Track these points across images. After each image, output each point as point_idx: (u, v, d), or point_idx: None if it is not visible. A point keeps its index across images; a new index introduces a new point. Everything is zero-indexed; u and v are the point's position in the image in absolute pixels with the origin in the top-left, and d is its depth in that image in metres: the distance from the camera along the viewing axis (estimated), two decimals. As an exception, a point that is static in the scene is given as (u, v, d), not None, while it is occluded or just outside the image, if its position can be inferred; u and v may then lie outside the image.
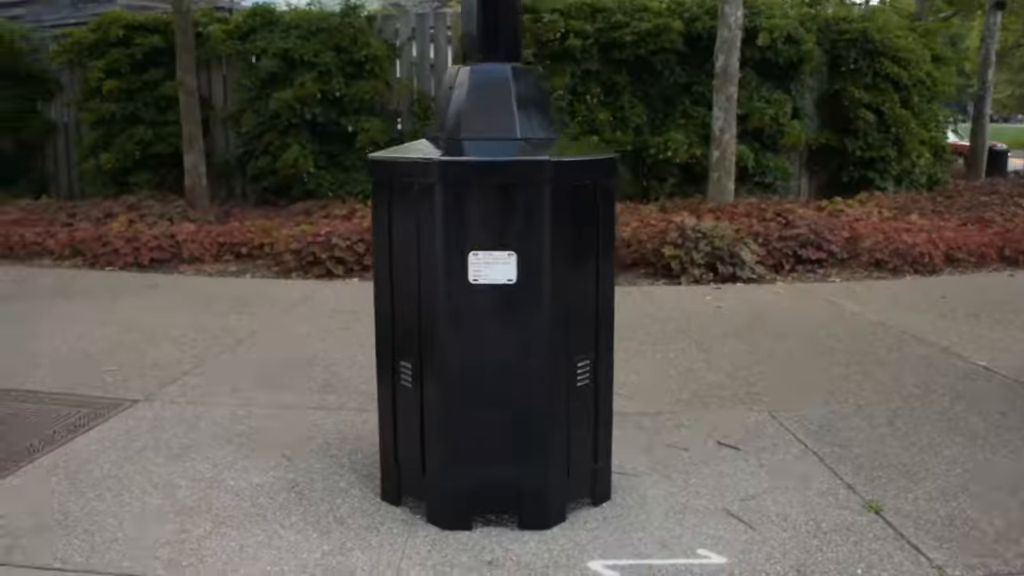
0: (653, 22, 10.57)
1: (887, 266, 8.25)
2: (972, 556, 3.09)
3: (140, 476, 3.65)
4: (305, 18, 10.44)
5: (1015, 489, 3.62)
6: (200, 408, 4.46)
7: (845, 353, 5.58)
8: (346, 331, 5.95)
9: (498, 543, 3.13)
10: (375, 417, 4.29)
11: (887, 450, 4.04)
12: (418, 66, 11.13)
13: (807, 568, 3.01)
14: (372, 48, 10.37)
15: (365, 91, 10.30)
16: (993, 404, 4.65)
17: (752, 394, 4.82)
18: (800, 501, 3.51)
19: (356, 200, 10.17)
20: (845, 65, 11.80)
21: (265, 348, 5.54)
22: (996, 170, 16.87)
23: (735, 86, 9.67)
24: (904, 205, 10.93)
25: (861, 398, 4.75)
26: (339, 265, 7.63)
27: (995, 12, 15.35)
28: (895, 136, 11.98)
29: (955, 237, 8.73)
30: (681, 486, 3.64)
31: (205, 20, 10.76)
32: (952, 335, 6.01)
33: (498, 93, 3.18)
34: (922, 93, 12.45)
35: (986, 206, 11.08)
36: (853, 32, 11.75)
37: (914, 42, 12.33)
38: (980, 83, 15.69)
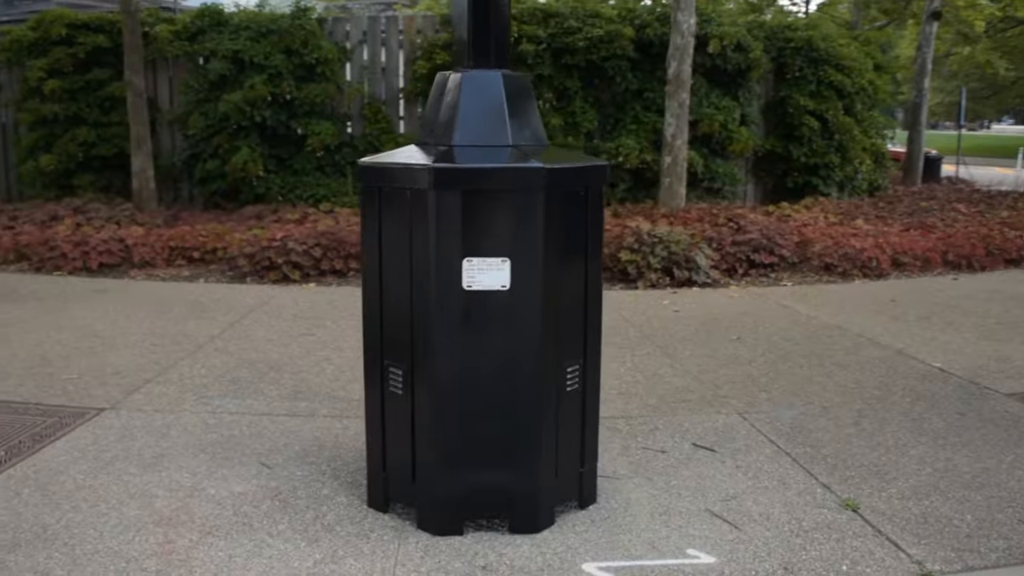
0: (605, 28, 10.67)
1: (836, 270, 8.45)
2: (949, 551, 3.19)
3: (115, 486, 3.57)
4: (255, 19, 10.30)
5: (980, 487, 3.75)
6: (169, 416, 4.38)
7: (805, 356, 5.71)
8: (309, 337, 5.89)
9: (490, 548, 3.13)
10: (352, 423, 4.31)
11: (856, 450, 4.14)
12: (369, 69, 11.05)
13: (794, 566, 3.07)
14: (323, 51, 10.28)
15: (316, 94, 10.20)
16: (951, 405, 4.80)
17: (720, 397, 4.89)
18: (780, 501, 3.58)
19: (307, 204, 10.08)
20: (791, 72, 12.07)
21: (228, 354, 5.46)
22: (931, 176, 17.38)
23: (687, 92, 9.82)
24: (848, 210, 11.22)
25: (826, 399, 4.86)
26: (295, 270, 7.55)
27: (931, 22, 15.83)
28: (839, 143, 12.29)
29: (900, 242, 8.99)
30: (663, 488, 3.69)
31: (151, 20, 10.55)
32: (906, 338, 6.19)
33: (490, 100, 3.19)
34: (864, 101, 12.80)
35: (926, 211, 11.43)
36: (798, 40, 12.03)
37: (856, 51, 12.67)
38: (917, 91, 16.16)
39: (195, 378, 4.98)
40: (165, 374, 5.04)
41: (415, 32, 10.92)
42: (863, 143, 12.85)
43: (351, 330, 6.08)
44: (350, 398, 4.71)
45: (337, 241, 7.77)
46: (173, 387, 4.82)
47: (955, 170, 19.89)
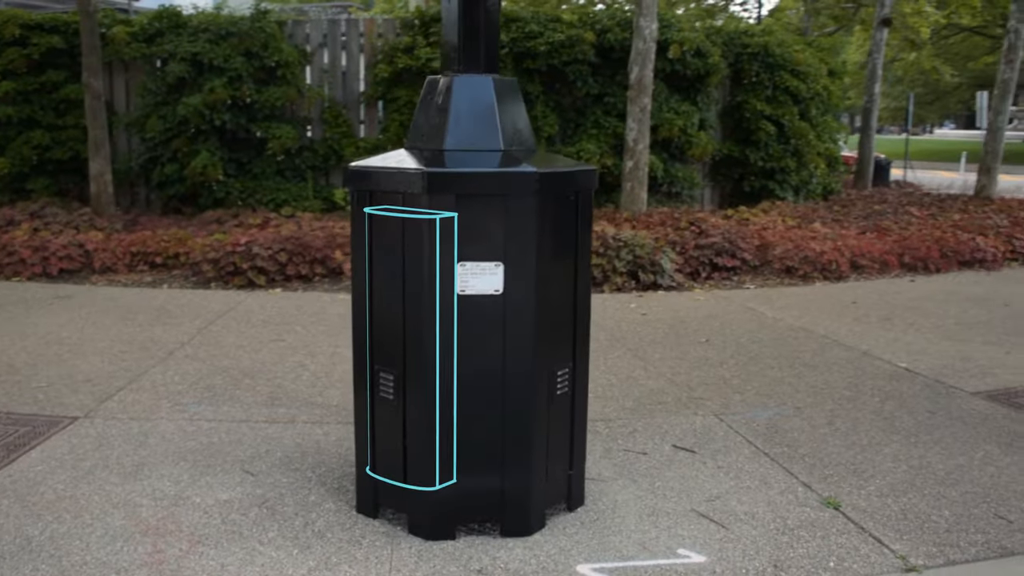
0: (566, 33, 10.73)
1: (797, 273, 8.59)
2: (931, 546, 3.27)
3: (97, 496, 3.51)
4: (214, 22, 10.17)
5: (955, 483, 3.85)
6: (145, 424, 4.31)
7: (774, 358, 5.80)
8: (280, 343, 5.84)
9: (484, 551, 3.14)
10: (332, 429, 4.29)
11: (832, 449, 4.22)
12: (329, 73, 10.99)
13: (783, 563, 3.13)
14: (284, 54, 10.19)
15: (277, 97, 10.10)
16: (920, 404, 4.91)
17: (695, 399, 4.95)
18: (763, 500, 3.64)
19: (267, 209, 9.99)
20: (747, 78, 12.25)
21: (200, 360, 5.39)
22: (880, 180, 17.74)
23: (649, 97, 9.91)
24: (805, 214, 11.41)
25: (798, 400, 4.94)
26: (261, 275, 7.47)
27: (881, 29, 16.18)
28: (794, 147, 12.50)
29: (858, 245, 9.17)
30: (648, 489, 3.72)
31: (107, 21, 10.36)
32: (870, 339, 6.32)
33: (480, 104, 3.20)
34: (818, 106, 13.04)
35: (881, 215, 11.67)
36: (755, 46, 12.22)
37: (811, 56, 12.90)
38: (868, 96, 16.49)
39: (168, 385, 4.91)
40: (137, 381, 4.96)
41: (376, 35, 10.88)
42: (818, 148, 13.09)
43: (322, 336, 6.04)
44: (328, 404, 4.68)
45: (302, 246, 7.72)
46: (147, 394, 4.75)
47: (903, 174, 20.33)
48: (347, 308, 6.72)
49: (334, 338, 5.98)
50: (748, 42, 12.33)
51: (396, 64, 10.35)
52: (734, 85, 12.53)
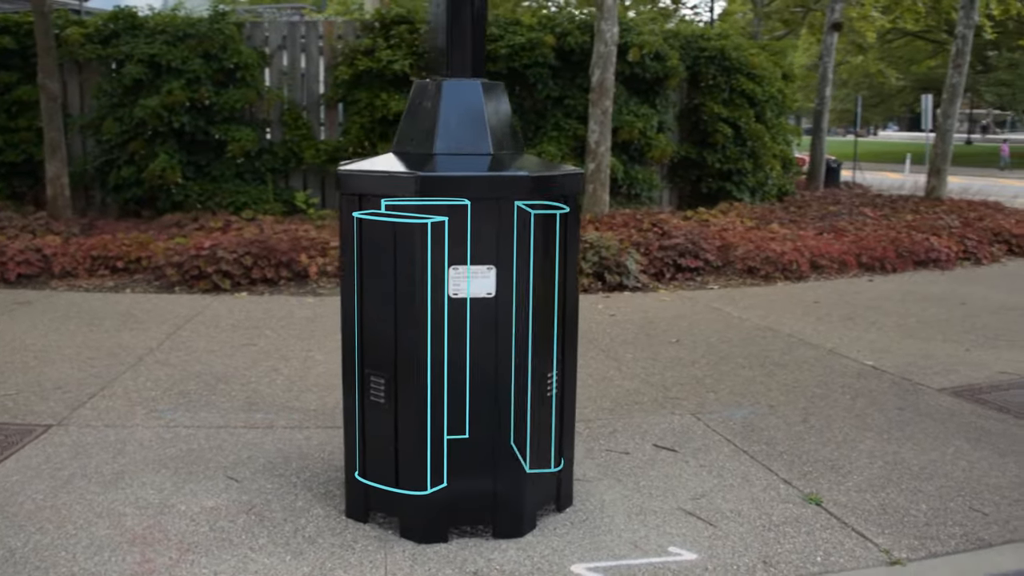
0: (527, 36, 10.77)
1: (759, 273, 8.72)
2: (912, 539, 3.36)
3: (79, 505, 3.45)
4: (171, 23, 10.02)
5: (929, 477, 3.95)
6: (122, 431, 4.24)
7: (744, 357, 5.88)
8: (251, 347, 5.78)
9: (477, 554, 3.15)
10: (313, 434, 4.27)
11: (809, 446, 4.30)
12: (289, 75, 10.89)
13: (772, 559, 3.18)
14: (243, 56, 10.08)
15: (236, 100, 9.99)
16: (889, 400, 5.02)
17: (670, 398, 5.01)
18: (747, 497, 3.70)
19: (227, 212, 9.87)
20: (704, 81, 12.40)
21: (171, 366, 5.31)
22: (831, 181, 18.05)
23: (610, 100, 9.99)
24: (762, 215, 11.58)
25: (772, 399, 5.02)
26: (226, 279, 7.39)
27: (832, 33, 16.47)
28: (751, 149, 12.68)
29: (817, 245, 9.33)
30: (633, 489, 3.76)
31: (61, 22, 10.16)
32: (835, 338, 6.44)
33: (469, 108, 3.21)
34: (773, 108, 13.24)
35: (836, 216, 11.88)
36: (712, 49, 12.37)
37: (766, 60, 13.09)
38: (819, 99, 16.78)
39: (141, 391, 4.83)
40: (109, 388, 4.88)
41: (335, 37, 10.81)
42: (773, 150, 13.29)
43: (293, 340, 5.99)
44: (306, 408, 4.65)
45: (267, 249, 7.64)
46: (120, 401, 4.67)
47: (852, 175, 20.71)
48: (315, 312, 6.73)
49: (305, 342, 5.93)
50: (705, 46, 12.48)
51: (357, 66, 10.29)
52: (691, 88, 12.67)
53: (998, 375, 5.57)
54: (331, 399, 4.80)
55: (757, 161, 12.89)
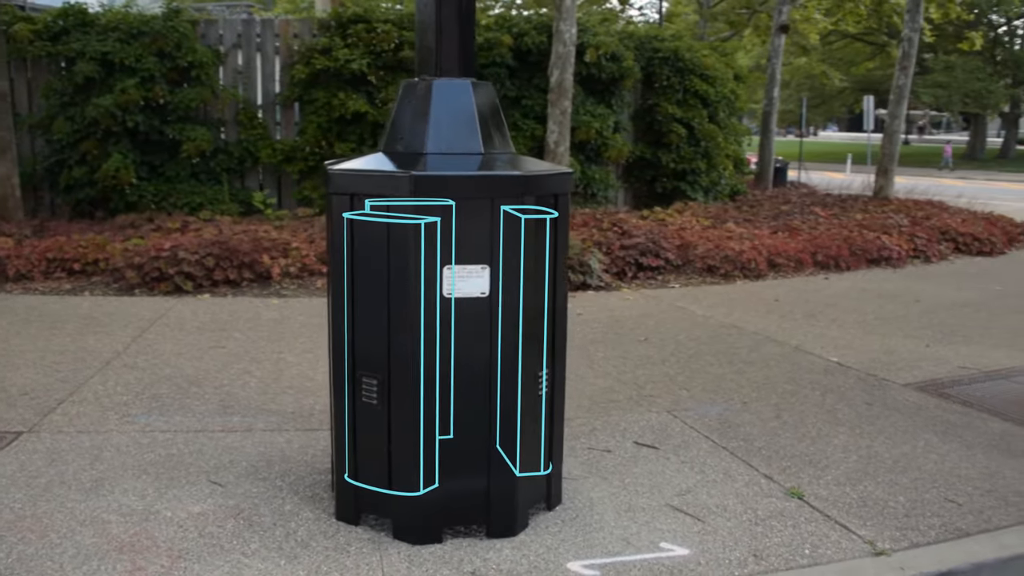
0: (484, 36, 10.78)
1: (719, 272, 8.84)
2: (894, 530, 3.44)
3: (60, 514, 3.37)
4: (124, 20, 9.83)
5: (903, 470, 4.05)
6: (96, 437, 4.16)
7: (713, 355, 5.96)
8: (220, 349, 5.70)
9: (473, 554, 3.15)
10: (294, 437, 4.23)
11: (784, 441, 4.38)
12: (244, 74, 10.75)
13: (762, 552, 3.24)
14: (198, 54, 9.92)
15: (191, 99, 9.83)
16: (857, 396, 5.14)
17: (646, 396, 5.06)
18: (731, 493, 3.75)
19: (182, 213, 9.71)
20: (659, 81, 12.53)
21: (140, 370, 5.22)
22: (779, 181, 18.38)
23: (569, 100, 10.05)
24: (717, 214, 11.73)
25: (744, 395, 5.10)
26: (188, 281, 7.27)
27: (780, 35, 16.75)
28: (704, 149, 12.85)
29: (774, 244, 9.49)
30: (619, 486, 3.79)
31: (8, 19, 9.89)
32: (799, 335, 6.56)
33: (460, 108, 3.21)
34: (726, 109, 13.43)
35: (789, 215, 12.09)
36: (666, 50, 12.50)
37: (718, 61, 13.27)
38: (768, 100, 17.06)
39: (112, 396, 4.74)
40: (78, 393, 4.77)
41: (291, 36, 10.70)
42: (726, 150, 13.49)
43: (262, 342, 5.92)
44: (283, 411, 4.60)
45: (229, 250, 7.54)
46: (91, 406, 4.57)
47: (797, 175, 21.08)
48: (282, 313, 6.67)
49: (275, 344, 5.87)
50: (659, 47, 12.61)
51: (314, 65, 10.20)
52: (646, 89, 12.79)
53: (959, 370, 5.72)
54: (307, 401, 4.76)
55: (711, 161, 13.07)
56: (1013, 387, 5.39)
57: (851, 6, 22.55)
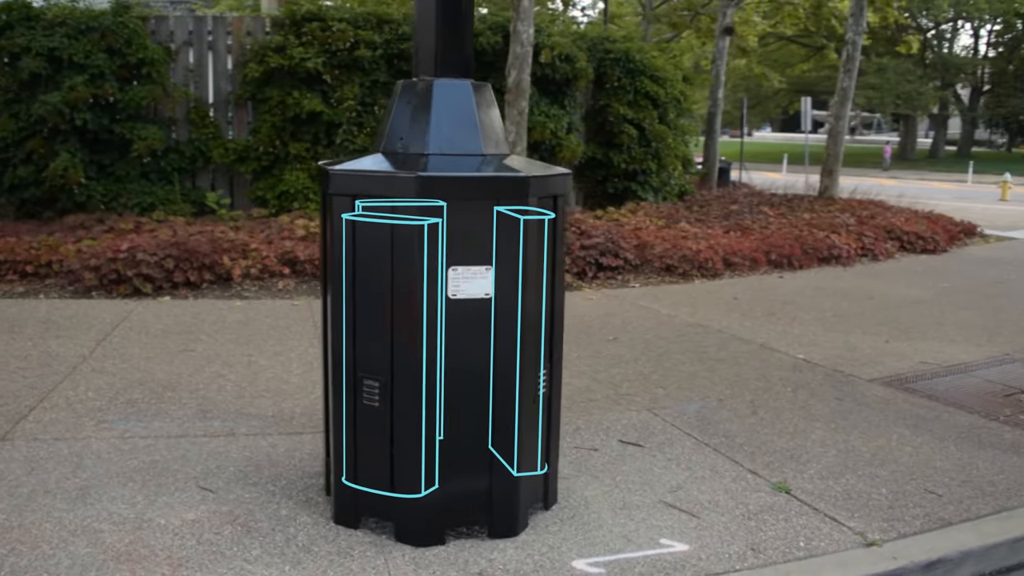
0: (439, 36, 10.72)
1: (677, 271, 8.95)
2: (881, 521, 3.54)
3: (48, 524, 3.29)
4: (71, 15, 9.57)
5: (881, 463, 4.16)
6: (74, 444, 4.06)
7: (682, 353, 6.05)
8: (190, 353, 5.60)
9: (477, 554, 3.15)
10: (279, 441, 4.19)
11: (764, 437, 4.47)
12: (195, 72, 10.56)
13: (759, 546, 3.30)
14: (148, 51, 9.71)
15: (142, 96, 9.61)
16: (827, 391, 5.26)
17: (623, 395, 5.11)
18: (720, 488, 3.82)
19: (133, 213, 9.50)
20: (610, 82, 12.63)
21: (110, 374, 5.10)
22: (723, 181, 18.65)
23: (526, 100, 10.07)
24: (670, 214, 11.88)
25: (718, 392, 5.19)
26: (147, 283, 7.12)
27: (724, 37, 17.01)
28: (655, 150, 12.98)
29: (729, 244, 9.65)
30: (611, 484, 3.83)
31: (-55, 13, 9.58)
32: (763, 332, 6.68)
33: (461, 108, 3.21)
34: (675, 110, 13.59)
35: (738, 214, 12.29)
36: (617, 52, 12.61)
37: (667, 62, 13.43)
38: (712, 101, 17.31)
39: (85, 402, 4.63)
40: (48, 399, 4.65)
41: (244, 34, 10.54)
42: (676, 150, 13.65)
43: (231, 344, 5.83)
44: (263, 415, 4.54)
45: (188, 252, 7.40)
46: (64, 412, 4.46)
47: (739, 175, 21.42)
48: (247, 316, 6.58)
49: (244, 347, 5.79)
50: (610, 48, 12.71)
51: (268, 63, 10.05)
52: (597, 89, 12.87)
53: (920, 365, 5.89)
54: (286, 405, 4.71)
55: (661, 161, 13.21)
56: (973, 381, 5.57)
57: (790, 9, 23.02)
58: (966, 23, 44.71)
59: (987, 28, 44.87)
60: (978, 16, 41.07)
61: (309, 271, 7.80)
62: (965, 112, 46.41)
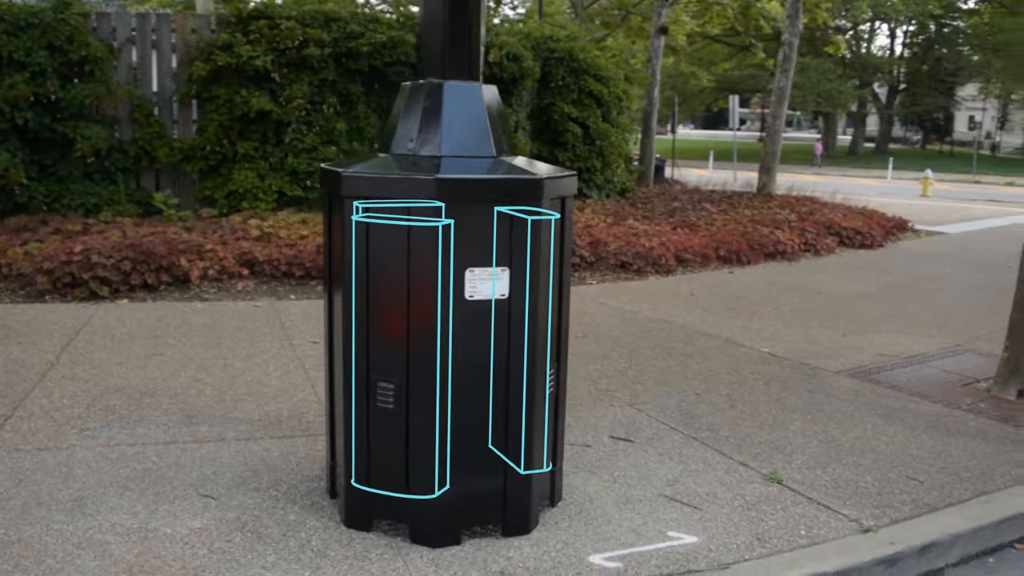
0: (388, 34, 10.69)
1: (632, 268, 9.08)
2: (872, 508, 3.67)
3: (49, 537, 3.20)
4: (9, 11, 9.24)
5: (862, 452, 4.31)
6: (59, 454, 3.95)
7: (652, 348, 6.15)
8: (160, 357, 5.49)
9: (495, 553, 3.18)
10: (272, 445, 4.16)
11: (747, 430, 4.58)
12: (139, 70, 10.30)
13: (763, 535, 3.40)
14: (91, 48, 9.43)
15: (85, 95, 9.34)
16: (798, 384, 5.41)
17: (604, 391, 5.18)
18: (716, 481, 3.91)
19: (77, 214, 9.24)
20: (555, 81, 12.73)
21: (82, 381, 4.97)
22: (658, 178, 18.94)
23: (478, 100, 10.07)
24: (616, 212, 12.02)
25: (694, 387, 5.29)
26: (104, 286, 6.94)
27: (659, 36, 17.27)
28: (599, 148, 13.14)
29: (680, 241, 9.82)
30: (610, 480, 3.89)
31: None
32: (725, 327, 6.83)
33: (472, 111, 3.24)
34: (618, 108, 13.76)
35: (682, 211, 12.51)
36: (561, 51, 12.72)
37: (610, 61, 13.59)
38: (648, 100, 17.56)
39: (62, 409, 4.50)
40: (23, 407, 4.51)
41: (189, 32, 10.32)
42: (619, 148, 13.82)
43: (202, 348, 5.73)
44: (250, 419, 4.49)
45: (145, 254, 7.24)
46: (42, 421, 4.34)
47: (671, 172, 21.77)
48: (212, 318, 6.48)
49: (215, 350, 5.69)
50: (555, 47, 12.81)
51: (215, 61, 9.87)
52: (542, 88, 12.96)
53: (878, 357, 6.10)
54: (270, 408, 4.66)
55: (605, 159, 13.37)
56: (931, 371, 5.79)
57: (719, 9, 23.48)
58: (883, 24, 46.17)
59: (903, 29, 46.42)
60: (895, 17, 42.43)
61: (268, 272, 7.70)
62: (882, 110, 47.95)
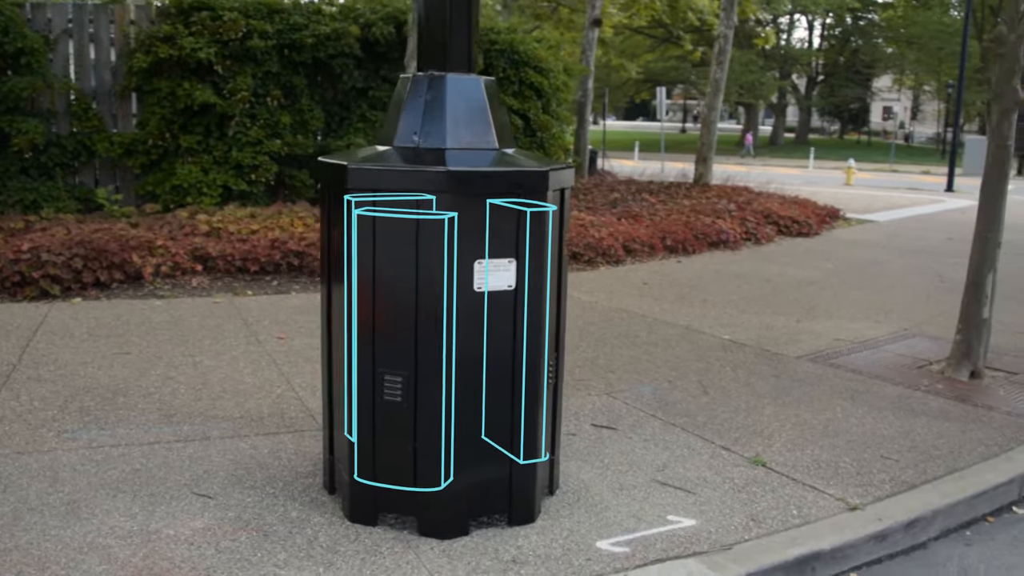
0: (331, 26, 10.58)
1: (583, 258, 9.18)
2: (856, 487, 3.82)
3: (48, 543, 3.13)
4: (-62, 1, 8.91)
5: (835, 434, 4.46)
6: (41, 458, 3.86)
7: (616, 337, 6.25)
8: (126, 356, 5.37)
9: (505, 542, 3.22)
10: (260, 442, 4.14)
11: (723, 415, 4.70)
12: (77, 62, 9.99)
13: (758, 516, 3.51)
14: (27, 40, 9.13)
15: (21, 88, 9.04)
16: (763, 369, 5.57)
17: (579, 380, 5.25)
18: (704, 465, 4.01)
19: (14, 211, 8.95)
20: (496, 73, 12.73)
21: (49, 382, 4.83)
22: (592, 169, 19.14)
23: (425, 92, 10.05)
24: (561, 203, 12.10)
25: (665, 374, 5.41)
26: (55, 284, 6.74)
27: (593, 28, 17.43)
28: (540, 140, 13.20)
29: (627, 231, 9.96)
30: (601, 467, 3.96)
31: None
32: (683, 315, 6.97)
33: (474, 103, 3.26)
34: (558, 100, 13.85)
35: (623, 202, 12.67)
36: (502, 43, 12.73)
37: (548, 53, 13.67)
38: (582, 91, 17.71)
39: (34, 412, 4.39)
40: (-7, 411, 4.39)
41: (128, 23, 10.05)
42: (559, 140, 13.92)
43: (167, 345, 5.63)
44: (231, 417, 4.44)
45: (96, 251, 7.06)
46: (16, 424, 4.22)
47: (601, 163, 22.03)
48: (171, 315, 6.37)
49: (182, 348, 5.60)
50: (496, 39, 12.82)
51: (156, 53, 9.64)
52: (484, 80, 12.96)
53: (835, 342, 6.30)
54: (249, 405, 4.61)
55: (547, 151, 13.44)
56: (886, 355, 6.01)
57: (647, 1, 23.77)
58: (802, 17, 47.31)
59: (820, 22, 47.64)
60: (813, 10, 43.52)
61: (222, 268, 7.58)
62: (802, 101, 49.15)
